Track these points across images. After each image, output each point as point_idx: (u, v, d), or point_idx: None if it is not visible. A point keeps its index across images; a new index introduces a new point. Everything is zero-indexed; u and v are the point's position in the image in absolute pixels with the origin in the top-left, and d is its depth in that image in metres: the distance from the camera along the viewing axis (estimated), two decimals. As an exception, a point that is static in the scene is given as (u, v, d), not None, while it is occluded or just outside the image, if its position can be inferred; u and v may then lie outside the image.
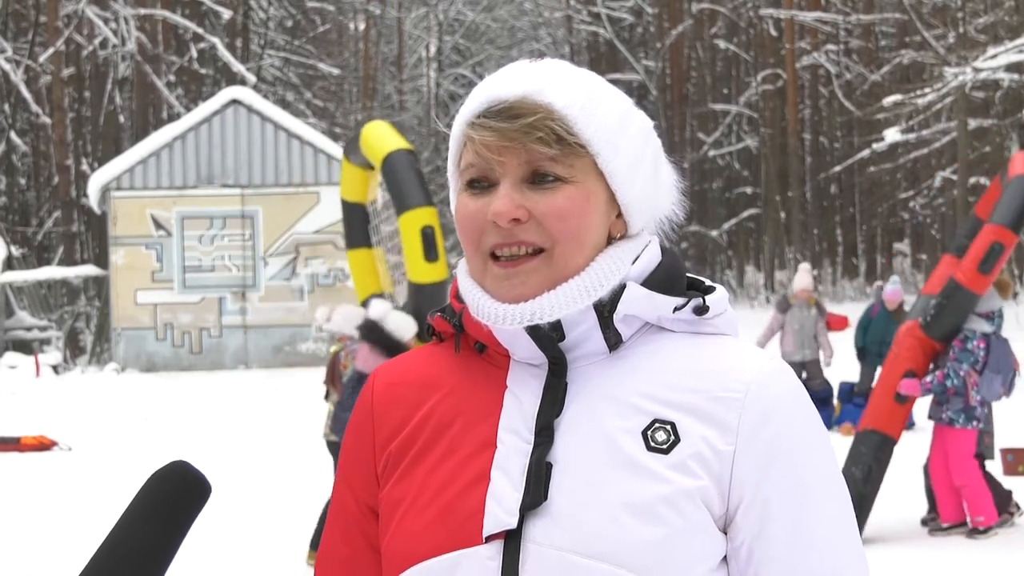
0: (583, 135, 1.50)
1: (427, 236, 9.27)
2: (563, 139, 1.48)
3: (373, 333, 7.30)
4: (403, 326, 7.47)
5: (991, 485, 9.00)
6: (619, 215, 1.55)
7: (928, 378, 8.62)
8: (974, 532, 8.71)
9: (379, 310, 7.66)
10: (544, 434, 1.49)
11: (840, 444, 11.64)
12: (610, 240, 1.55)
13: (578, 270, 1.51)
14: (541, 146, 1.48)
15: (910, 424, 13.11)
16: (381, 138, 10.29)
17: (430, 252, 9.19)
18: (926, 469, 9.19)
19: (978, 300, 8.69)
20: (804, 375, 14.43)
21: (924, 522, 9.13)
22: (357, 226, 12.04)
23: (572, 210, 1.49)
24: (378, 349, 7.27)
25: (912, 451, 10.75)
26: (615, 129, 1.52)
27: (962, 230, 10.35)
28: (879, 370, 10.31)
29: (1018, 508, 9.09)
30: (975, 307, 8.70)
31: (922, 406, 11.80)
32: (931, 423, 9.16)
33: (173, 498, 1.48)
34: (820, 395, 13.81)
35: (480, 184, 1.52)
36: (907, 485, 9.90)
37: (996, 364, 8.68)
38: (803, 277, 14.79)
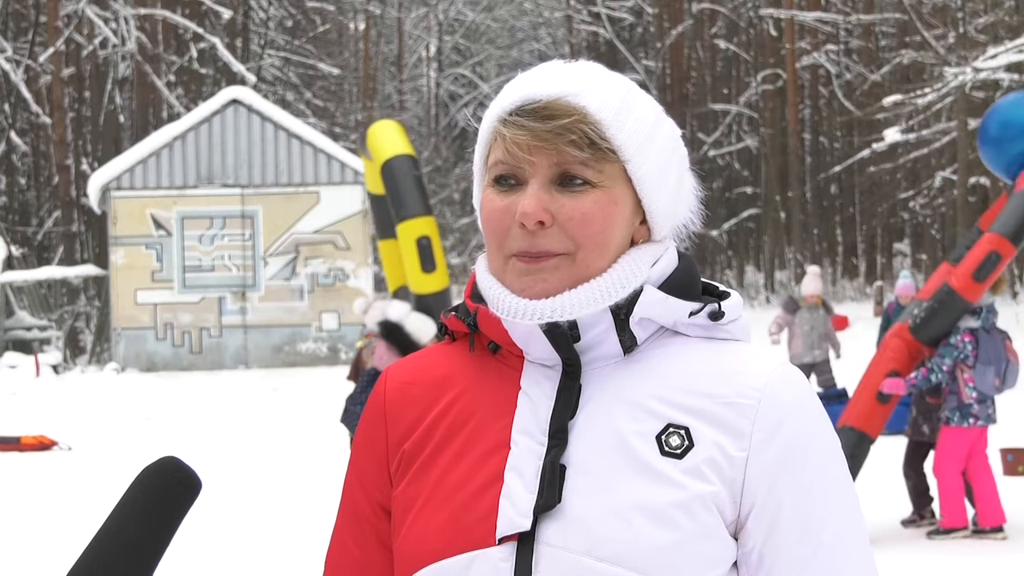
0: (615, 141, 1.49)
1: (423, 247, 9.25)
2: (595, 143, 1.48)
3: (392, 333, 7.37)
4: (422, 328, 7.53)
5: (918, 482, 9.11)
6: (643, 222, 1.55)
7: (913, 375, 8.61)
8: (935, 533, 8.73)
9: (399, 311, 7.73)
10: (558, 436, 1.49)
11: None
12: (632, 246, 1.55)
13: (599, 272, 1.50)
14: (573, 149, 1.47)
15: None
16: (383, 141, 10.28)
17: (427, 262, 9.18)
18: (905, 471, 9.23)
19: (970, 308, 8.67)
20: (812, 376, 14.38)
21: (905, 523, 9.14)
22: (385, 218, 12.00)
23: (597, 215, 1.49)
24: (395, 349, 7.34)
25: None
26: (646, 136, 1.52)
27: (963, 240, 10.34)
28: None
29: (932, 515, 9.10)
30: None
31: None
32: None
33: (163, 494, 1.48)
34: (832, 392, 13.75)
35: (507, 181, 1.51)
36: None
37: (986, 357, 8.66)
38: (812, 282, 14.71)
